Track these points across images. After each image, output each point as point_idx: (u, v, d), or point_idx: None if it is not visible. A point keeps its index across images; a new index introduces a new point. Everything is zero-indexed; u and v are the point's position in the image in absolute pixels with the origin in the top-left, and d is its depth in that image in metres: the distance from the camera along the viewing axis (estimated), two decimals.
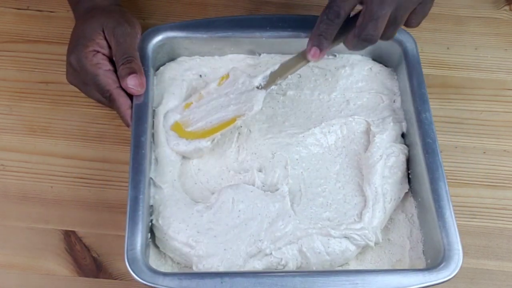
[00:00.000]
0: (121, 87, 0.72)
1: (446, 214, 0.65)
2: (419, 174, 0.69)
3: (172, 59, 0.79)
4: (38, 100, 0.81)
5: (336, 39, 0.68)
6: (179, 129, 0.73)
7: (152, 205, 0.69)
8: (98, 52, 0.73)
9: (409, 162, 0.72)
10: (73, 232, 0.73)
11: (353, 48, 0.68)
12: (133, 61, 0.72)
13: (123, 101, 0.72)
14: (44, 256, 0.72)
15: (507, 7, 0.89)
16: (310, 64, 0.74)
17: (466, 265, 0.71)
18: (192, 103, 0.74)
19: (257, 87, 0.72)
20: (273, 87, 0.72)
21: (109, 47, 0.74)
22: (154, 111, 0.74)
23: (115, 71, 0.73)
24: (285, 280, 0.62)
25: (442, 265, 0.63)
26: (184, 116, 0.74)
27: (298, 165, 0.72)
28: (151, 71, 0.75)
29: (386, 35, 0.67)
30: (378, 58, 0.79)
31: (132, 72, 0.71)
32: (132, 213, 0.65)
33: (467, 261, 0.72)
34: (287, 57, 0.73)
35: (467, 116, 0.80)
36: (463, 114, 0.81)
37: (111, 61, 0.74)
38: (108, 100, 0.73)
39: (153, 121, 0.74)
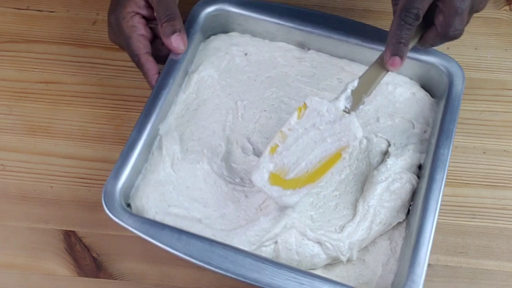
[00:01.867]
0: (150, 52, 0.72)
1: (421, 252, 0.63)
2: (416, 207, 0.67)
3: (224, 31, 0.79)
4: (38, 100, 0.81)
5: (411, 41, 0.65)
6: (279, 181, 0.65)
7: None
8: (136, 13, 0.73)
9: (414, 194, 0.70)
10: (73, 232, 0.73)
11: (431, 46, 0.67)
12: (175, 18, 0.72)
13: (150, 66, 0.72)
14: (44, 256, 0.72)
15: (507, 7, 0.89)
16: (353, 72, 0.74)
17: (466, 265, 0.72)
18: (277, 145, 0.66)
19: (344, 111, 0.66)
20: (361, 106, 0.67)
21: (148, 6, 0.74)
22: (189, 76, 0.75)
23: (151, 34, 0.74)
24: (236, 257, 0.62)
25: None
26: (276, 164, 0.65)
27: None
28: (198, 36, 0.76)
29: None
30: (426, 85, 0.76)
31: (175, 30, 0.71)
32: (127, 151, 0.67)
33: (467, 261, 0.72)
34: (335, 60, 0.74)
35: (467, 116, 0.80)
36: (463, 114, 0.81)
37: (147, 24, 0.74)
38: (136, 64, 0.73)
39: (183, 84, 0.74)
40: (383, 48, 0.67)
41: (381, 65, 0.66)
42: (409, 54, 0.70)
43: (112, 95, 0.81)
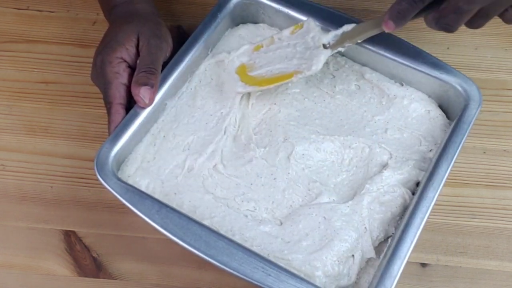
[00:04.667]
0: (123, 106, 0.71)
1: (394, 266, 0.63)
2: (402, 221, 0.66)
3: (254, 22, 0.80)
4: (38, 100, 0.81)
5: (417, 15, 0.65)
6: (242, 73, 0.73)
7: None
8: (123, 61, 0.71)
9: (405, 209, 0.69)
10: (73, 232, 0.73)
11: (429, 27, 0.67)
12: (154, 73, 0.70)
13: (116, 118, 0.70)
14: (44, 256, 0.72)
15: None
16: (373, 81, 0.74)
17: (466, 265, 0.72)
18: (262, 46, 0.74)
19: (325, 45, 0.71)
20: (339, 49, 0.70)
21: (136, 54, 0.72)
22: (210, 58, 0.77)
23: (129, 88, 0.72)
24: (210, 238, 0.63)
25: None
26: (251, 59, 0.73)
27: (301, 159, 0.71)
28: (227, 21, 0.78)
29: (474, 26, 0.66)
30: (443, 105, 0.75)
31: (148, 84, 0.70)
32: (129, 118, 0.69)
33: (467, 261, 0.72)
34: (357, 66, 0.75)
35: None
36: None
37: (131, 75, 0.72)
38: (106, 110, 0.71)
39: (202, 66, 0.76)
40: (405, 62, 0.72)
41: (379, 23, 0.67)
42: (430, 71, 0.72)
43: None
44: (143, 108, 0.70)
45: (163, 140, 0.72)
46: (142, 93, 0.69)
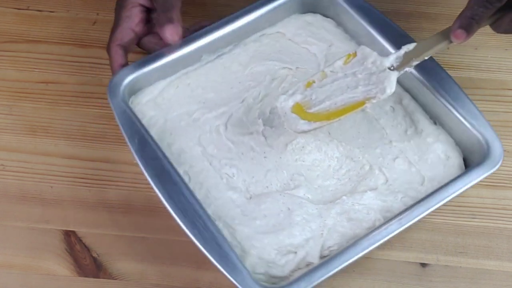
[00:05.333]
0: (123, 47, 0.73)
1: (316, 275, 0.62)
2: None
3: (324, 15, 0.81)
4: (38, 100, 0.81)
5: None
6: (300, 111, 0.67)
7: None
8: (139, 5, 0.73)
9: None
10: (73, 232, 0.73)
11: (505, 32, 0.64)
12: (172, 9, 0.72)
13: (116, 58, 0.72)
14: (44, 256, 0.72)
15: None
16: (408, 109, 0.72)
17: (466, 265, 0.72)
18: (314, 81, 0.68)
19: (389, 68, 0.65)
20: (407, 69, 0.65)
21: None
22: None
23: (144, 30, 0.74)
24: (170, 175, 0.66)
25: None
26: (305, 96, 0.68)
27: (299, 151, 0.71)
28: (297, 5, 0.80)
29: None
30: (468, 154, 0.71)
31: (170, 21, 0.71)
32: (158, 54, 0.74)
33: (467, 261, 0.72)
34: (399, 89, 0.70)
35: None
36: None
37: (144, 20, 0.74)
38: (107, 52, 0.73)
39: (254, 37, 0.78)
40: (446, 103, 0.70)
41: (446, 35, 0.64)
42: (466, 120, 0.69)
43: None
44: (175, 48, 0.73)
45: (186, 87, 0.75)
46: (167, 31, 0.71)
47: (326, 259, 0.63)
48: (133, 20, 0.73)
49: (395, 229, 0.64)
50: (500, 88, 0.83)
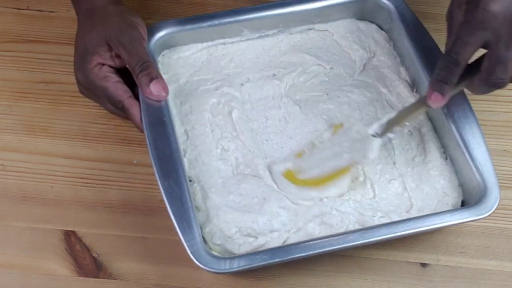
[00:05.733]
0: (132, 96, 0.72)
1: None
2: None
3: (373, 22, 0.82)
4: (38, 100, 0.81)
5: (458, 83, 0.64)
6: (291, 177, 0.71)
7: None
8: (103, 64, 0.72)
9: None
10: (73, 232, 0.73)
11: (478, 93, 0.66)
12: (150, 66, 0.71)
13: (135, 111, 0.71)
14: (44, 256, 0.72)
15: None
16: (424, 137, 0.72)
17: (466, 265, 0.72)
18: (304, 151, 0.72)
19: (373, 136, 0.69)
20: (389, 135, 0.69)
21: (114, 57, 0.73)
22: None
23: (125, 81, 0.73)
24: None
25: None
26: (296, 164, 0.71)
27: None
28: (353, 10, 0.81)
29: None
30: (468, 197, 0.70)
31: (152, 78, 0.70)
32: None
33: (467, 261, 0.72)
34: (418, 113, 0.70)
35: None
36: None
37: (118, 71, 0.73)
38: (121, 111, 0.73)
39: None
40: (461, 143, 0.69)
41: (424, 101, 0.66)
42: (471, 162, 0.68)
43: None
44: (217, 15, 0.75)
45: (219, 57, 0.79)
46: (154, 90, 0.70)
47: (277, 248, 0.64)
48: (112, 76, 0.72)
49: (355, 240, 0.64)
50: None
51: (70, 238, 0.73)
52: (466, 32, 0.62)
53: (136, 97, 0.72)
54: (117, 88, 0.72)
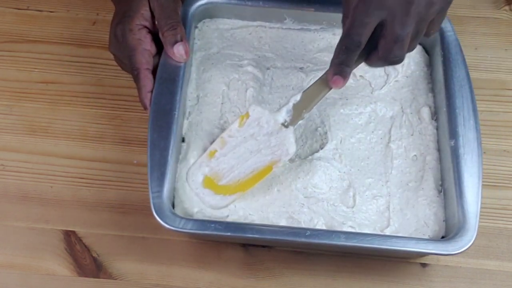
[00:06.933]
0: (150, 70, 0.72)
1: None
2: None
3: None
4: (38, 100, 0.81)
5: (356, 60, 0.64)
6: (212, 185, 0.68)
7: None
8: (144, 27, 0.73)
9: None
10: (73, 232, 0.73)
11: (377, 67, 0.67)
12: (177, 27, 0.72)
13: (146, 83, 0.71)
14: (44, 256, 0.72)
15: (507, 7, 0.89)
16: (425, 168, 0.71)
17: (466, 265, 0.72)
18: (216, 150, 0.69)
19: (283, 124, 0.67)
20: (300, 121, 0.68)
21: (152, 17, 0.73)
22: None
23: (156, 49, 0.73)
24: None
25: None
26: (212, 168, 0.69)
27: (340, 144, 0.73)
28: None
29: (408, 50, 0.64)
30: (449, 232, 0.67)
31: (177, 40, 0.72)
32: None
33: (467, 261, 0.72)
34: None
35: None
36: None
37: (153, 40, 0.73)
38: (134, 78, 0.73)
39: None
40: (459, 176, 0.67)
41: (325, 82, 0.65)
42: (457, 199, 0.66)
43: (112, 95, 0.81)
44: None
45: (256, 39, 0.79)
46: (176, 51, 0.72)
47: (234, 223, 0.66)
48: (145, 42, 0.72)
49: (312, 238, 0.64)
50: (500, 88, 0.83)
51: (70, 238, 0.73)
52: (363, 13, 0.61)
53: (154, 72, 0.73)
54: (142, 55, 0.72)
